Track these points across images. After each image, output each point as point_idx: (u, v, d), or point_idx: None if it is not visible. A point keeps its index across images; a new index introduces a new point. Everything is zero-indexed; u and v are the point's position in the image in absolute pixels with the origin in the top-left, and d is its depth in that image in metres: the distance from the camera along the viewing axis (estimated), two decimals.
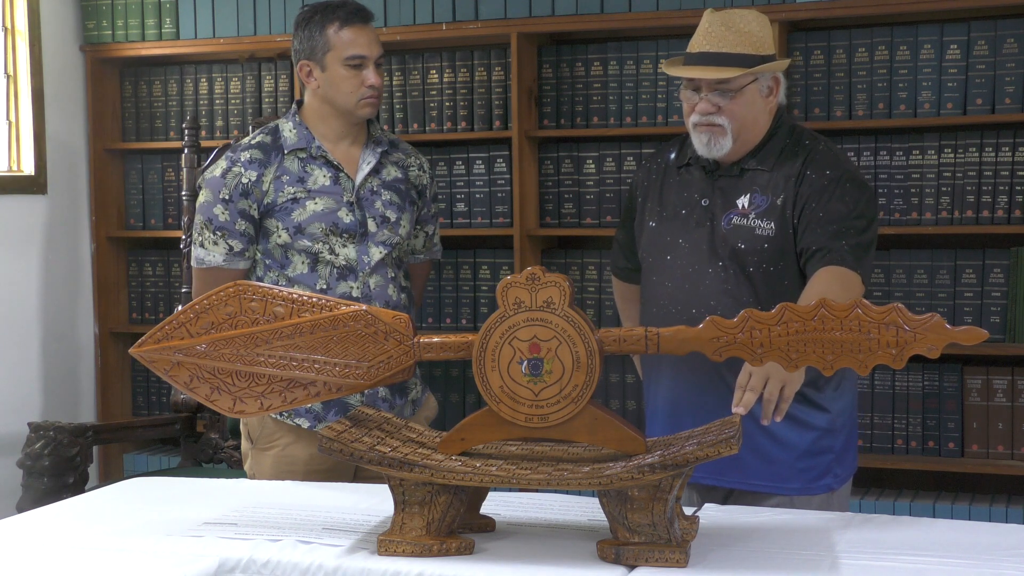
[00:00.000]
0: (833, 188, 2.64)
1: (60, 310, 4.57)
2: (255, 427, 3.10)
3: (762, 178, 2.70)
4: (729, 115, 2.65)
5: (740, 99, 2.66)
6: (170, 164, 4.61)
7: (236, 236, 3.05)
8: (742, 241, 2.66)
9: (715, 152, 2.69)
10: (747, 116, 2.68)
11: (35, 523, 2.37)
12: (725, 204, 2.71)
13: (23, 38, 4.42)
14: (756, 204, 2.68)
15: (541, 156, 4.23)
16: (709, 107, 2.65)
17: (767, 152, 2.72)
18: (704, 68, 2.64)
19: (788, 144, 2.73)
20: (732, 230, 2.68)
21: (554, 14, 4.08)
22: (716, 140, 2.67)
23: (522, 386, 2.06)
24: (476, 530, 2.18)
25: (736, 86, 2.65)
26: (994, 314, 3.79)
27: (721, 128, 2.66)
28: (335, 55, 3.06)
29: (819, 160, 2.69)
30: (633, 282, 3.00)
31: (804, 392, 2.67)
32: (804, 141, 2.74)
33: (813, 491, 2.70)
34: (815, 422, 2.70)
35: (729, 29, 2.64)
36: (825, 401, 2.71)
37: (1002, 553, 2.05)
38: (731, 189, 2.71)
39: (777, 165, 2.70)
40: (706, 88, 2.66)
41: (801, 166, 2.68)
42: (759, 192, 2.68)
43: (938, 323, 1.96)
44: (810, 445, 2.70)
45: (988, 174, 3.77)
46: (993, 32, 3.76)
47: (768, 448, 2.68)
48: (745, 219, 2.67)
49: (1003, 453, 3.80)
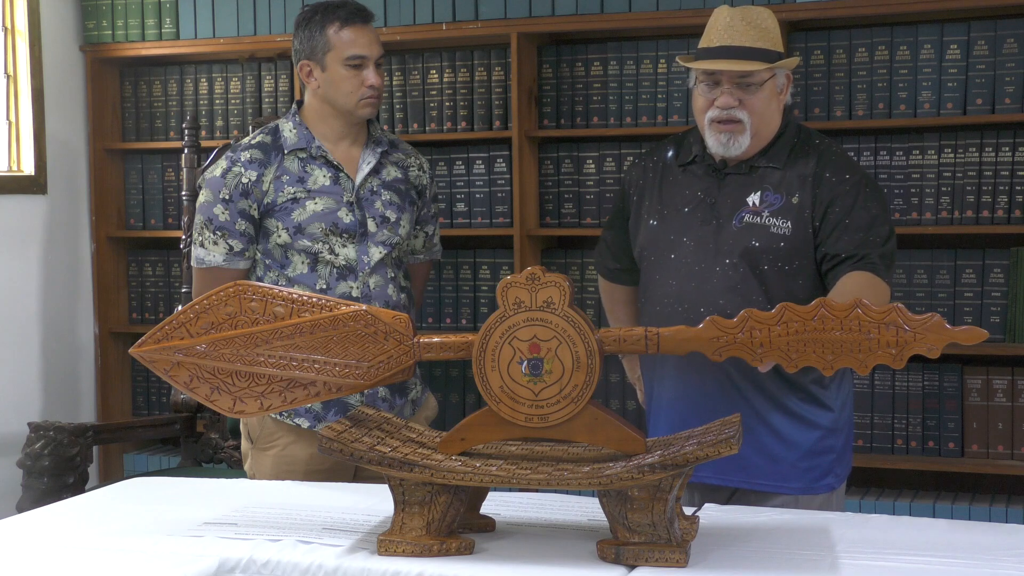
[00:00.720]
0: (856, 193, 2.65)
1: (60, 310, 4.57)
2: (255, 427, 3.10)
3: (774, 176, 2.69)
4: (750, 109, 2.65)
5: (760, 94, 2.66)
6: (170, 164, 4.61)
7: (236, 236, 3.05)
8: (756, 239, 2.66)
9: (733, 151, 2.68)
10: (765, 112, 2.68)
11: (35, 523, 2.37)
12: (735, 202, 2.70)
13: (23, 38, 4.42)
14: (769, 202, 2.67)
15: (541, 156, 4.23)
16: (731, 100, 2.65)
17: (777, 150, 2.72)
18: (730, 61, 2.64)
19: (797, 143, 2.73)
20: (744, 228, 2.67)
21: (554, 14, 4.08)
22: (735, 138, 2.66)
23: (522, 386, 2.06)
24: (476, 530, 2.18)
25: (759, 80, 2.65)
26: (994, 314, 3.79)
27: (741, 125, 2.65)
28: (335, 55, 3.06)
29: (836, 163, 2.70)
30: (620, 282, 3.00)
31: (809, 390, 2.68)
32: (814, 141, 2.75)
33: (816, 490, 2.70)
34: (820, 421, 2.70)
35: (750, 25, 2.65)
36: (829, 399, 2.71)
37: (1002, 553, 2.05)
38: (741, 187, 2.71)
39: (789, 163, 2.70)
40: (728, 82, 2.66)
41: (816, 167, 2.68)
42: (771, 190, 2.68)
43: (938, 323, 1.96)
44: (814, 444, 2.70)
45: (988, 174, 3.77)
46: (993, 32, 3.76)
47: (773, 447, 2.68)
48: (758, 217, 2.67)
49: (1003, 453, 3.80)
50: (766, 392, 2.67)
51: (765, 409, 2.67)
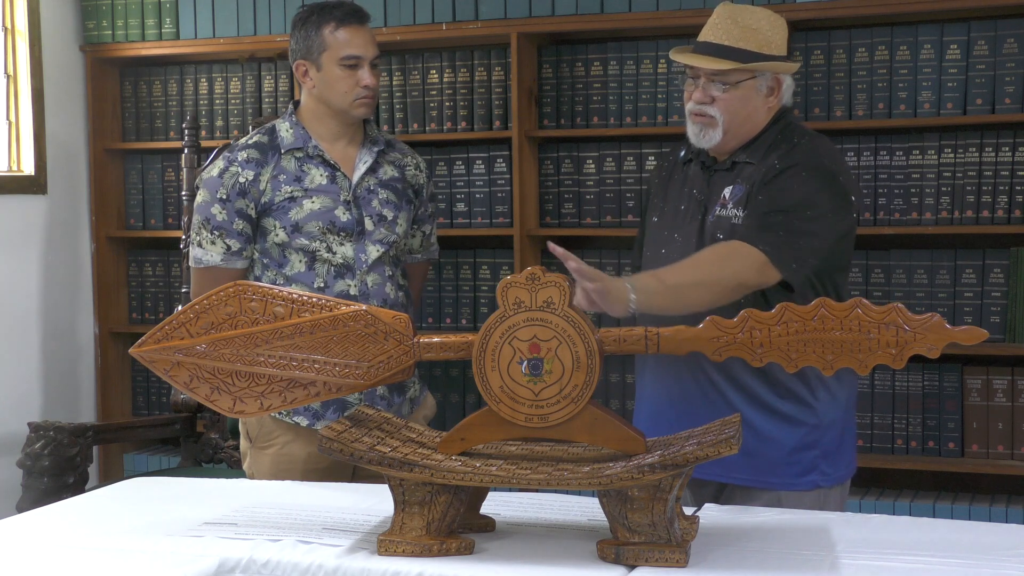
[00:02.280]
0: (785, 174, 2.62)
1: (60, 310, 4.57)
2: (253, 426, 3.11)
3: (748, 170, 2.71)
4: (722, 107, 2.67)
5: (735, 93, 2.67)
6: (170, 164, 4.61)
7: (234, 235, 3.05)
8: (721, 232, 2.67)
9: (704, 143, 2.71)
10: (740, 111, 2.68)
11: (35, 523, 2.37)
12: (715, 197, 2.72)
13: (23, 38, 4.42)
14: (735, 195, 2.69)
15: (541, 156, 4.23)
16: (704, 96, 2.68)
17: (757, 146, 2.72)
18: (702, 57, 2.66)
19: (777, 139, 2.73)
20: (715, 222, 2.69)
21: (554, 14, 4.08)
22: (706, 131, 2.69)
23: (522, 386, 2.06)
24: (476, 530, 2.18)
25: (732, 80, 2.66)
26: (994, 314, 3.79)
27: (712, 119, 2.67)
28: (331, 55, 3.07)
29: (792, 152, 2.67)
30: None
31: (792, 389, 2.67)
32: (793, 137, 2.73)
33: (798, 487, 2.68)
34: (801, 417, 2.68)
35: (735, 23, 2.66)
36: (811, 397, 2.70)
37: (1002, 553, 2.05)
38: (720, 182, 2.73)
39: (764, 158, 2.71)
40: (704, 78, 2.68)
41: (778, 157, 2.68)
42: (741, 183, 2.69)
43: (938, 323, 1.96)
44: (796, 442, 2.69)
45: (988, 174, 3.77)
46: (993, 32, 3.76)
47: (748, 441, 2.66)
48: (724, 209, 2.69)
49: (1003, 453, 3.80)
50: (743, 388, 2.66)
51: (742, 405, 2.66)
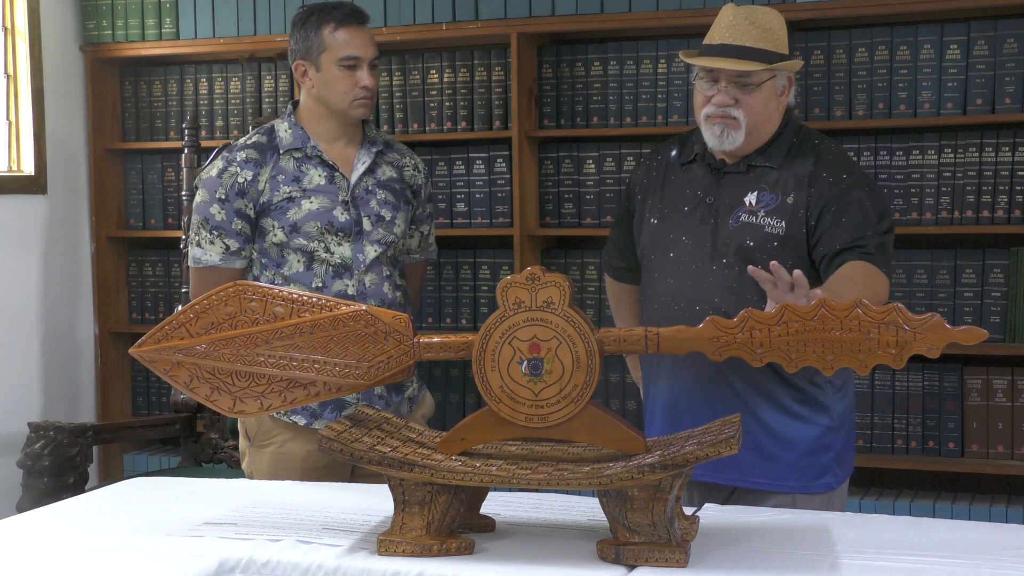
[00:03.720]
0: (852, 192, 2.65)
1: (60, 310, 4.57)
2: (252, 425, 3.11)
3: (770, 176, 2.70)
4: (746, 109, 2.66)
5: (758, 94, 2.67)
6: (170, 164, 4.61)
7: (232, 235, 3.06)
8: (750, 238, 2.66)
9: (727, 145, 2.68)
10: (762, 112, 2.69)
11: (35, 523, 2.37)
12: (732, 202, 2.71)
13: (23, 38, 4.42)
14: (765, 202, 2.68)
15: (541, 156, 4.23)
16: (727, 99, 2.66)
17: (775, 149, 2.72)
18: (727, 60, 2.65)
19: (796, 143, 2.73)
20: (740, 227, 2.68)
21: (554, 14, 4.08)
22: (729, 132, 2.67)
23: (522, 386, 2.06)
24: (476, 530, 2.18)
25: (756, 80, 2.66)
26: (994, 314, 3.79)
27: (735, 121, 2.66)
28: (330, 56, 3.07)
29: (833, 162, 2.70)
30: (627, 281, 3.00)
31: (806, 391, 2.68)
32: (813, 141, 2.75)
33: (813, 489, 2.70)
34: (817, 419, 2.70)
35: (753, 24, 2.66)
36: (827, 400, 2.71)
37: (1002, 553, 2.05)
38: (738, 186, 2.72)
39: (786, 163, 2.70)
40: (725, 80, 2.67)
41: (813, 167, 2.69)
42: (768, 190, 2.69)
43: (938, 323, 1.96)
44: (811, 444, 2.70)
45: (988, 174, 3.77)
46: (993, 32, 3.76)
47: (768, 445, 2.68)
48: (754, 216, 2.68)
49: (1003, 453, 3.80)
50: (761, 390, 2.67)
51: (760, 407, 2.67)
